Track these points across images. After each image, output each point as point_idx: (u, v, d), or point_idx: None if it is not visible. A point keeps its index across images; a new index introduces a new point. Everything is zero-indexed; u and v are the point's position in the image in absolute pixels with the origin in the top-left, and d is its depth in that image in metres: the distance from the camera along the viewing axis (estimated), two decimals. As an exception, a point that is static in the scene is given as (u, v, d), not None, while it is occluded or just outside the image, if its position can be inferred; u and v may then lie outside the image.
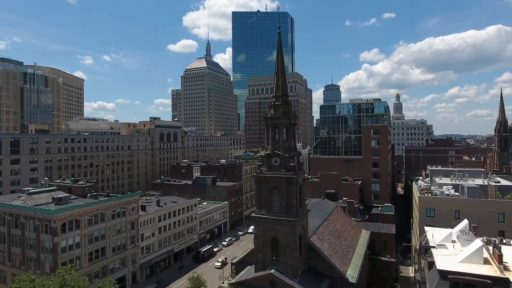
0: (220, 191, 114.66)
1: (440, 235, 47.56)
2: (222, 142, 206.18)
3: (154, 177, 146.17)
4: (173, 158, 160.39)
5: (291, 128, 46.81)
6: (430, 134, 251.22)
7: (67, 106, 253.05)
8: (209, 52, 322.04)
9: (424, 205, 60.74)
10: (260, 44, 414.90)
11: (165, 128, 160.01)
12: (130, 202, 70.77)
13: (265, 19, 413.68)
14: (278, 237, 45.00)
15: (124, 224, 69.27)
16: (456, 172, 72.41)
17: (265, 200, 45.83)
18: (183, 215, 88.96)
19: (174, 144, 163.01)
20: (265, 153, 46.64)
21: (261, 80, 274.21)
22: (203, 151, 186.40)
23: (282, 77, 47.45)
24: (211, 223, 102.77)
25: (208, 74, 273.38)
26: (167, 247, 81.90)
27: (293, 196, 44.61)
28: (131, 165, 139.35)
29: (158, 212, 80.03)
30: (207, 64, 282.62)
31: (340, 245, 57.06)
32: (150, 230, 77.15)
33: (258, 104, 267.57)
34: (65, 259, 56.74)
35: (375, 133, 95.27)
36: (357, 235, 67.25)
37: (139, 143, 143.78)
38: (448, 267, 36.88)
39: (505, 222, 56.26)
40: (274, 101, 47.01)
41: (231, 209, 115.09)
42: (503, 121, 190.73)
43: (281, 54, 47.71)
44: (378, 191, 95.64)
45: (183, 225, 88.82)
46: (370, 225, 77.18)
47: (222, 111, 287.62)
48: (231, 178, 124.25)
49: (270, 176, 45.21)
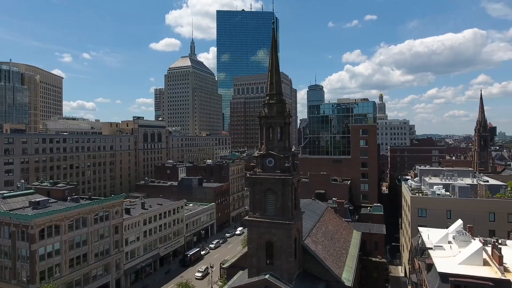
0: (206, 192, 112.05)
1: (435, 236, 47.02)
2: (207, 142, 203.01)
3: (137, 178, 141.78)
4: (157, 158, 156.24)
5: (285, 127, 45.14)
6: (413, 134, 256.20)
7: (45, 105, 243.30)
8: (193, 50, 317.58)
9: (416, 205, 60.44)
10: (244, 43, 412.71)
11: (149, 127, 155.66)
12: (113, 205, 67.42)
13: (249, 19, 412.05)
14: (273, 241, 43.25)
15: (108, 228, 65.89)
16: (445, 171, 72.81)
17: (259, 202, 43.98)
18: (169, 218, 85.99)
19: (158, 144, 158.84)
20: (258, 153, 44.78)
21: (246, 80, 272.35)
22: (188, 151, 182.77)
23: (277, 74, 45.75)
24: (198, 225, 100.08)
25: (192, 73, 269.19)
26: (152, 251, 78.81)
27: (288, 198, 42.97)
28: (113, 166, 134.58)
29: (143, 215, 76.86)
30: (191, 63, 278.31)
31: (334, 247, 55.91)
32: (135, 234, 73.92)
33: (243, 103, 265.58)
34: (44, 267, 53.15)
35: (363, 132, 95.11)
36: (349, 236, 66.40)
37: (122, 143, 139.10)
38: (448, 269, 36.12)
39: (496, 221, 56.59)
40: (268, 99, 45.19)
41: (218, 211, 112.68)
42: (483, 121, 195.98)
43: (275, 51, 46.02)
44: (367, 191, 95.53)
45: (169, 228, 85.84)
46: (360, 226, 76.62)
47: (206, 111, 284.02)
48: (218, 178, 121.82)
49: (264, 178, 43.38)
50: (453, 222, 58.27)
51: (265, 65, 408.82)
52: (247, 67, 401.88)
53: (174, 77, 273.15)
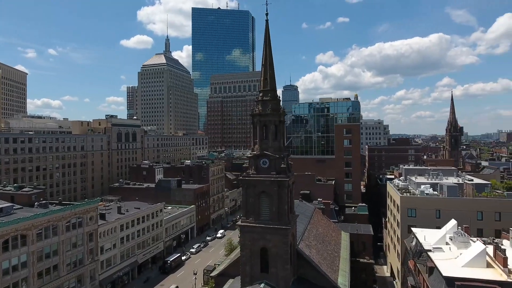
0: (186, 194, 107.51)
1: (431, 237, 46.09)
2: (184, 142, 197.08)
3: (111, 180, 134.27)
4: (132, 159, 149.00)
5: (280, 126, 42.49)
6: (387, 134, 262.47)
7: (7, 102, 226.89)
8: (168, 48, 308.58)
9: (406, 205, 59.82)
10: (220, 42, 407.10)
11: (123, 127, 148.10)
12: (87, 210, 61.93)
13: (225, 17, 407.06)
14: (268, 247, 40.46)
15: (81, 236, 60.39)
16: (430, 171, 73.17)
17: (253, 206, 41.04)
18: (148, 222, 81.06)
19: (133, 144, 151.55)
20: (252, 154, 41.80)
21: (223, 79, 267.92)
22: (164, 152, 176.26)
23: (271, 69, 42.93)
24: (177, 229, 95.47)
25: (167, 71, 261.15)
26: (130, 258, 73.69)
27: (284, 201, 40.33)
28: (84, 167, 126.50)
29: (120, 221, 71.61)
30: (166, 61, 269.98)
31: (326, 250, 54.01)
32: (111, 241, 68.61)
33: (220, 102, 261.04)
34: (8, 282, 47.34)
35: (347, 132, 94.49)
36: (338, 238, 64.92)
37: (93, 143, 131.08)
38: (453, 273, 34.84)
39: (483, 220, 56.88)
40: (262, 96, 42.29)
41: (198, 213, 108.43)
42: (454, 121, 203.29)
43: (268, 45, 43.15)
44: (351, 191, 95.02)
45: (148, 233, 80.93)
46: (347, 226, 75.51)
47: (182, 110, 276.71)
48: (198, 180, 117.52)
49: (259, 180, 40.48)
50: (442, 221, 58.20)
51: (240, 64, 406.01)
52: (222, 66, 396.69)
53: (148, 74, 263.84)
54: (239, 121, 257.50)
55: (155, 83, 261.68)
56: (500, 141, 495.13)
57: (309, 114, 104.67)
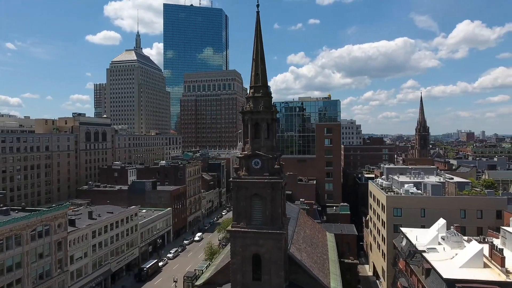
0: (162, 197, 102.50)
1: (423, 237, 45.60)
2: (157, 142, 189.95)
3: (79, 183, 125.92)
4: (102, 160, 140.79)
5: (273, 124, 40.15)
6: (359, 134, 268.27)
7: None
8: (139, 44, 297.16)
9: (392, 204, 59.57)
10: (192, 40, 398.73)
11: (92, 125, 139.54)
12: (55, 217, 56.41)
13: (198, 15, 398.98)
14: (261, 253, 38.02)
15: (48, 245, 54.87)
16: (411, 170, 73.90)
17: (244, 210, 38.42)
18: (122, 227, 75.93)
19: (103, 144, 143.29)
20: (243, 154, 39.13)
21: (197, 77, 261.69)
22: (136, 152, 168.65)
23: (262, 64, 40.54)
24: (153, 233, 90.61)
25: (138, 68, 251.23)
26: (103, 267, 68.44)
27: (278, 204, 38.09)
28: (49, 169, 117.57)
29: (91, 227, 66.22)
30: (137, 57, 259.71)
31: (316, 253, 52.39)
32: (82, 249, 63.20)
33: (194, 101, 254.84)
34: (-37, 302, 41.52)
35: (328, 131, 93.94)
36: (324, 239, 63.68)
37: (59, 143, 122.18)
38: (452, 274, 34.08)
39: (466, 218, 57.65)
40: (253, 92, 39.76)
41: (175, 216, 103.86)
42: (423, 121, 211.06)
43: (260, 38, 40.69)
44: (331, 190, 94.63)
45: (122, 239, 75.78)
46: (331, 227, 74.71)
47: (154, 109, 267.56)
48: (173, 181, 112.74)
49: (251, 182, 37.92)
50: (427, 220, 58.48)
51: (213, 63, 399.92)
52: (194, 64, 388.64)
53: (118, 71, 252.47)
54: (213, 121, 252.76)
55: (125, 80, 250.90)
56: (460, 141, 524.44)
57: (287, 113, 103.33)
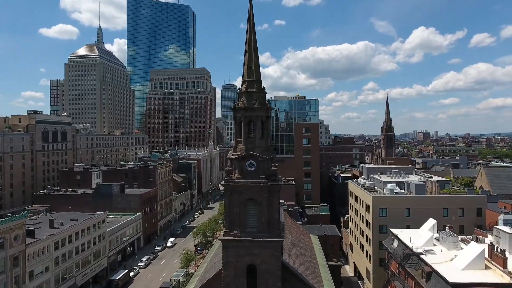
0: (131, 201, 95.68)
1: (417, 238, 44.60)
2: (123, 142, 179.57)
3: (35, 187, 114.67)
4: (62, 162, 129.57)
5: (267, 122, 36.98)
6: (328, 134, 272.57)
7: None
8: (100, 38, 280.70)
9: (377, 205, 58.73)
10: (158, 37, 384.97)
11: (50, 124, 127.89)
12: (11, 228, 49.24)
13: (164, 11, 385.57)
14: (256, 264, 34.71)
15: (3, 261, 47.69)
16: (390, 169, 74.10)
17: (238, 216, 34.87)
18: (88, 236, 69.06)
19: (62, 144, 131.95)
20: (236, 155, 35.54)
21: (165, 74, 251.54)
22: (100, 153, 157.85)
23: (256, 56, 37.21)
24: (122, 241, 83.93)
25: (100, 63, 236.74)
26: (67, 281, 61.49)
27: (275, 210, 34.99)
28: (1, 172, 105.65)
29: (53, 237, 59.15)
30: (99, 52, 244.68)
31: (306, 258, 49.92)
32: (43, 263, 56.11)
33: (161, 99, 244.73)
34: None
35: (306, 131, 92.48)
36: (310, 242, 61.53)
37: (12, 144, 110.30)
38: (458, 278, 32.88)
39: (449, 216, 58.06)
40: (246, 88, 36.35)
41: (145, 221, 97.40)
42: (389, 121, 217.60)
43: (253, 28, 37.31)
44: (310, 190, 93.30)
45: (88, 249, 68.90)
46: (313, 228, 72.85)
47: (117, 107, 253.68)
48: (143, 183, 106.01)
49: (246, 185, 34.45)
50: (412, 220, 58.29)
51: (179, 61, 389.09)
52: (159, 62, 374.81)
53: (78, 67, 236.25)
54: (181, 120, 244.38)
55: (85, 76, 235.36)
56: (418, 140, 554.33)
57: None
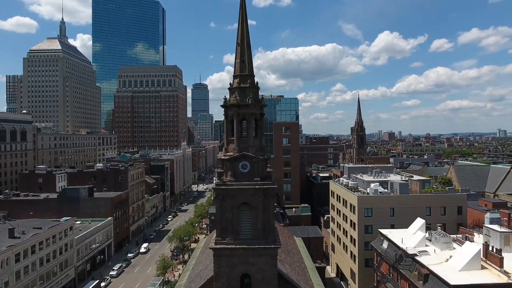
0: (100, 205, 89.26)
1: (408, 239, 43.97)
2: (89, 142, 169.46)
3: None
4: (21, 163, 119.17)
5: (261, 120, 34.47)
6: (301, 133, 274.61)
7: None
8: (63, 32, 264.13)
9: (363, 205, 58.03)
10: (126, 33, 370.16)
11: (8, 123, 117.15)
12: (-37, 240, 43.07)
13: (132, 6, 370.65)
14: (251, 273, 32.11)
15: (-47, 279, 41.54)
16: (371, 169, 74.15)
17: (231, 222, 32.08)
18: (54, 245, 63.05)
19: (22, 145, 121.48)
20: (228, 155, 32.70)
21: (134, 71, 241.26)
22: (64, 153, 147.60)
23: (248, 49, 34.64)
24: (91, 248, 77.87)
25: (63, 59, 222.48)
26: (30, 297, 55.42)
27: (271, 214, 32.72)
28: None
29: (14, 248, 52.98)
30: (62, 47, 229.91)
31: (295, 262, 48.01)
32: (2, 278, 50.00)
33: (131, 97, 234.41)
34: None
35: (286, 130, 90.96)
36: (295, 245, 59.77)
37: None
38: (458, 280, 32.17)
39: (431, 215, 58.55)
40: (239, 83, 33.58)
41: (116, 226, 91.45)
42: (360, 122, 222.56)
43: (245, 19, 34.69)
44: (290, 191, 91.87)
45: (54, 259, 62.90)
46: (296, 230, 71.39)
47: (82, 105, 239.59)
48: (113, 186, 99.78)
49: (239, 188, 31.74)
50: (396, 219, 58.22)
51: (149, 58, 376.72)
52: (128, 59, 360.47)
53: (38, 61, 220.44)
54: (152, 119, 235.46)
55: (47, 72, 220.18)
56: (384, 140, 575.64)
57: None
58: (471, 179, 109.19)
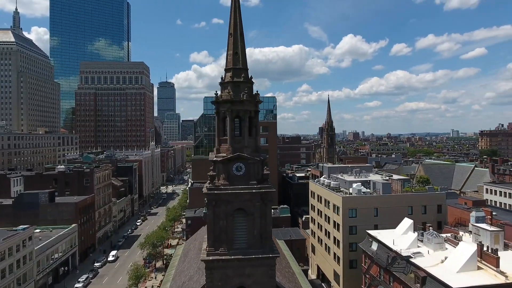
0: (63, 211, 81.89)
1: (400, 240, 43.23)
2: (48, 142, 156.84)
3: None
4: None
5: (256, 118, 31.72)
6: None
7: None
8: (17, 24, 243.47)
9: (347, 205, 57.06)
10: (87, 27, 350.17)
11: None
12: None
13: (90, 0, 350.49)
14: (247, 285, 29.29)
15: None
16: (351, 168, 73.87)
17: (224, 231, 29.04)
18: (11, 258, 56.15)
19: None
20: (220, 156, 29.61)
21: (97, 67, 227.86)
22: (19, 155, 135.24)
23: (242, 41, 31.76)
24: (53, 259, 70.82)
25: (17, 52, 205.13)
26: (-18, 318, 48.65)
27: (269, 221, 30.00)
28: None
29: (-38, 264, 46.07)
30: (15, 39, 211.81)
31: (283, 268, 45.51)
32: None
33: (93, 95, 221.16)
34: None
35: (264, 130, 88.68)
36: (280, 249, 57.33)
37: None
38: (459, 283, 31.45)
39: (413, 214, 58.76)
40: (232, 77, 30.58)
41: (81, 233, 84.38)
42: (330, 122, 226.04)
43: (238, 8, 31.75)
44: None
45: (11, 274, 55.99)
46: (277, 232, 69.00)
47: (38, 102, 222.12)
48: (77, 190, 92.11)
49: (234, 193, 28.80)
50: (379, 219, 57.92)
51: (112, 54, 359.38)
52: (89, 54, 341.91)
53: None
54: (117, 118, 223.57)
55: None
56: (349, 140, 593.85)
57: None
58: (438, 177, 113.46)
